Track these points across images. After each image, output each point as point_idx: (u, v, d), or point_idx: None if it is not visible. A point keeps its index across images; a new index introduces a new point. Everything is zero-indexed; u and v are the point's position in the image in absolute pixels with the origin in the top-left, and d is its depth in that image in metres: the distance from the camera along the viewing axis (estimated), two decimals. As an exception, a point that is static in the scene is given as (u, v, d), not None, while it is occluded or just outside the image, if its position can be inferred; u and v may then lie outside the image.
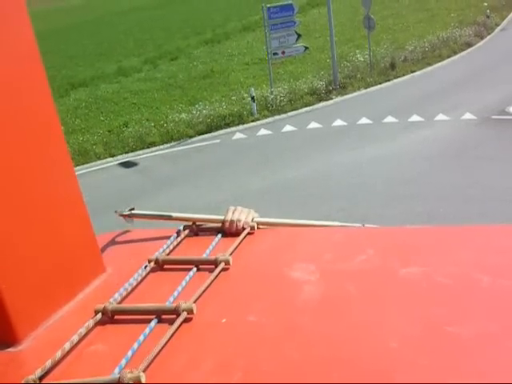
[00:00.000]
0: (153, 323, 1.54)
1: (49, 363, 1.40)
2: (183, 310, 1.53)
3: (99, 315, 1.60)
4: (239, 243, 1.95)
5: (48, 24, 50.94)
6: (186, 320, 1.53)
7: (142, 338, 1.47)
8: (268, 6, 21.17)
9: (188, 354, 1.42)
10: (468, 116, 18.11)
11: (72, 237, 1.82)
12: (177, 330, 1.49)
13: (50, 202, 1.75)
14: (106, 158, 19.13)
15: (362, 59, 24.77)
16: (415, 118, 18.57)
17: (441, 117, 18.32)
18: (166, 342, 1.43)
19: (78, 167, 17.74)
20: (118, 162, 18.82)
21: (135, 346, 1.44)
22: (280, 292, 1.70)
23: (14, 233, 1.60)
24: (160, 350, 1.40)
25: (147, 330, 1.51)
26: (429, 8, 36.18)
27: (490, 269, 1.62)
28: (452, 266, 1.63)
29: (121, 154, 19.25)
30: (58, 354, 1.43)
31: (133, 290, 1.74)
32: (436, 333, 1.38)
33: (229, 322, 1.54)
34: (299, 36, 21.72)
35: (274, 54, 21.61)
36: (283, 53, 21.76)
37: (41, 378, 1.36)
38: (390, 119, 18.80)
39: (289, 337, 1.26)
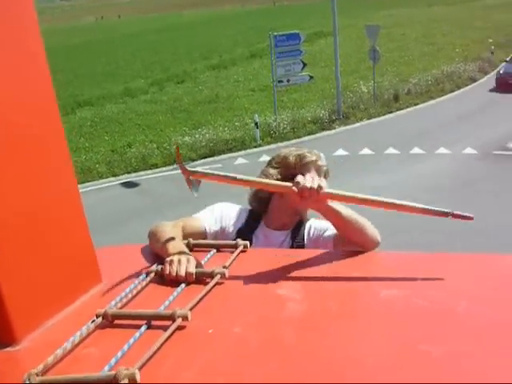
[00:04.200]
0: (148, 327, 1.64)
1: (50, 359, 1.48)
2: (178, 316, 1.63)
3: (100, 319, 1.69)
4: (234, 258, 2.07)
5: (59, 42, 51.55)
6: (180, 327, 1.63)
7: (137, 339, 1.57)
8: (275, 34, 21.43)
9: (179, 358, 1.51)
10: (469, 151, 18.24)
11: (72, 246, 1.92)
12: (172, 334, 1.59)
13: (53, 211, 1.85)
14: (108, 177, 19.22)
15: (366, 90, 24.98)
16: (416, 150, 18.69)
17: (442, 150, 18.45)
18: (161, 345, 1.53)
19: (80, 185, 17.84)
20: (120, 181, 18.91)
21: (131, 347, 1.54)
22: (266, 307, 1.79)
23: (17, 239, 1.69)
24: (155, 352, 1.49)
25: (143, 333, 1.61)
26: (434, 42, 36.66)
27: (468, 295, 1.72)
28: (431, 290, 1.72)
29: (123, 173, 19.35)
30: (59, 352, 1.52)
31: (131, 298, 1.85)
32: (409, 351, 1.47)
33: (216, 332, 1.63)
34: (305, 65, 21.91)
35: (279, 81, 21.78)
36: (288, 81, 21.92)
37: (42, 373, 1.44)
38: (391, 151, 18.93)
39: (270, 349, 1.34)
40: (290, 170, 2.66)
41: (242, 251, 2.16)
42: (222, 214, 2.68)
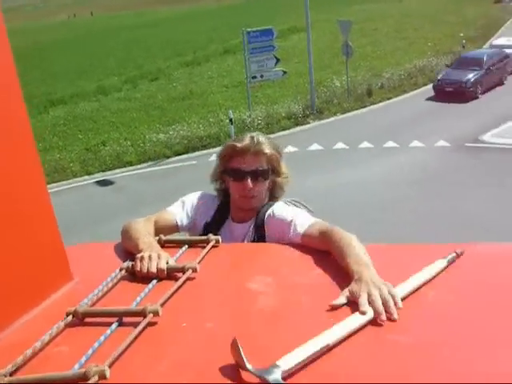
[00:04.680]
0: (120, 324, 1.65)
1: (20, 359, 1.47)
2: (149, 312, 1.64)
3: (70, 317, 1.69)
4: (206, 253, 2.08)
5: (31, 40, 50.95)
6: (151, 323, 1.64)
7: (108, 337, 1.58)
8: (248, 30, 21.42)
9: (150, 353, 1.52)
10: (442, 143, 18.43)
11: (40, 245, 1.91)
12: (142, 330, 1.60)
13: (20, 210, 1.83)
14: (82, 175, 19.09)
15: (340, 85, 25.10)
16: (390, 143, 18.84)
17: (415, 143, 18.61)
18: (132, 342, 1.54)
19: (54, 184, 17.68)
20: (94, 180, 18.78)
21: (102, 344, 1.54)
22: (238, 302, 1.81)
23: None
24: (125, 349, 1.50)
25: (114, 330, 1.61)
26: (406, 36, 36.91)
27: (437, 284, 1.75)
28: (402, 281, 1.74)
29: (98, 172, 19.22)
30: (29, 352, 1.51)
31: (102, 296, 1.84)
32: (377, 340, 1.50)
33: (188, 327, 1.65)
34: (278, 60, 21.94)
35: (253, 77, 21.79)
36: (262, 76, 21.93)
37: (11, 373, 1.43)
38: (365, 144, 19.05)
39: (241, 342, 1.36)
40: (224, 162, 2.57)
41: (213, 246, 2.17)
42: (193, 205, 2.60)
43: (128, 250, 2.20)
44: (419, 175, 15.74)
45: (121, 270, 2.00)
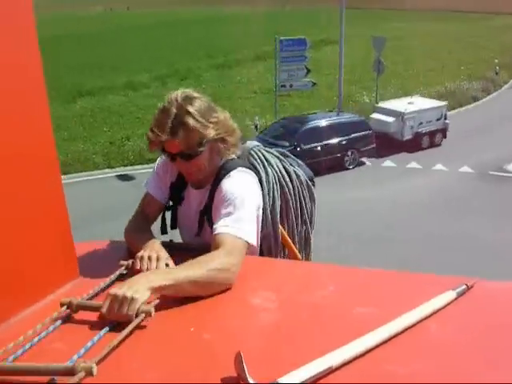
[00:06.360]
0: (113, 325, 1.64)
1: (10, 346, 1.49)
2: (142, 312, 1.64)
3: (64, 308, 1.70)
4: None
5: (66, 30, 51.46)
6: (140, 326, 1.64)
7: (102, 337, 1.58)
8: (281, 38, 21.42)
9: (141, 355, 1.53)
10: (465, 169, 18.29)
11: (49, 241, 1.91)
12: (133, 330, 1.60)
13: (33, 205, 1.84)
14: (104, 168, 19.22)
15: (368, 101, 25.01)
16: (413, 164, 18.73)
17: (439, 167, 18.49)
18: (122, 341, 1.54)
19: (75, 174, 17.82)
20: (115, 174, 18.90)
21: (94, 339, 1.55)
22: (239, 316, 1.79)
23: None
24: (115, 347, 1.51)
25: (107, 328, 1.62)
26: (440, 58, 36.66)
27: (442, 317, 1.70)
28: (405, 311, 1.70)
29: (119, 166, 19.34)
30: (21, 339, 1.53)
31: (100, 291, 1.86)
32: (375, 370, 1.46)
33: (184, 335, 1.63)
34: (308, 71, 21.93)
35: (282, 86, 21.80)
36: (291, 86, 21.95)
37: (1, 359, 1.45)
38: (388, 163, 18.96)
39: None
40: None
41: None
42: (160, 174, 2.45)
43: (131, 248, 2.20)
44: (440, 198, 15.64)
45: (121, 267, 2.02)
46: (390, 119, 20.91)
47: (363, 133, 19.41)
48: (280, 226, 2.48)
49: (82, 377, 1.34)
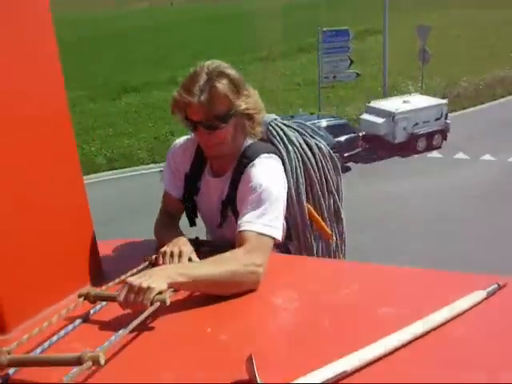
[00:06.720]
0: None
1: (25, 338, 1.51)
2: (156, 301, 1.64)
3: (81, 299, 1.73)
4: None
5: (111, 27, 52.13)
6: (151, 327, 1.65)
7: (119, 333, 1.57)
8: (324, 29, 21.25)
9: (153, 353, 1.53)
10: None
11: (73, 240, 1.93)
12: (148, 317, 1.62)
13: (56, 205, 1.85)
14: (148, 163, 19.40)
15: (414, 91, 24.58)
16: (461, 155, 18.34)
17: (487, 157, 18.06)
18: (134, 329, 1.56)
19: (120, 170, 18.06)
20: (160, 169, 19.05)
21: (111, 339, 1.54)
22: (259, 316, 1.75)
23: (15, 232, 1.70)
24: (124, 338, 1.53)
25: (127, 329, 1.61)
26: (488, 45, 35.74)
27: (468, 319, 1.63)
28: (431, 311, 1.64)
29: (164, 161, 19.48)
30: (36, 331, 1.55)
31: (121, 282, 1.85)
32: (395, 374, 1.40)
33: (197, 335, 1.60)
34: (352, 62, 21.71)
35: (325, 77, 21.65)
36: (334, 77, 21.77)
37: (14, 351, 1.46)
38: (435, 154, 18.63)
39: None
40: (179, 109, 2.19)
41: None
42: (172, 167, 2.40)
43: (159, 245, 2.17)
44: (488, 189, 15.29)
45: (145, 261, 2.02)
46: (380, 120, 19.41)
47: (346, 136, 18.17)
48: (306, 202, 2.39)
49: (90, 366, 1.35)
